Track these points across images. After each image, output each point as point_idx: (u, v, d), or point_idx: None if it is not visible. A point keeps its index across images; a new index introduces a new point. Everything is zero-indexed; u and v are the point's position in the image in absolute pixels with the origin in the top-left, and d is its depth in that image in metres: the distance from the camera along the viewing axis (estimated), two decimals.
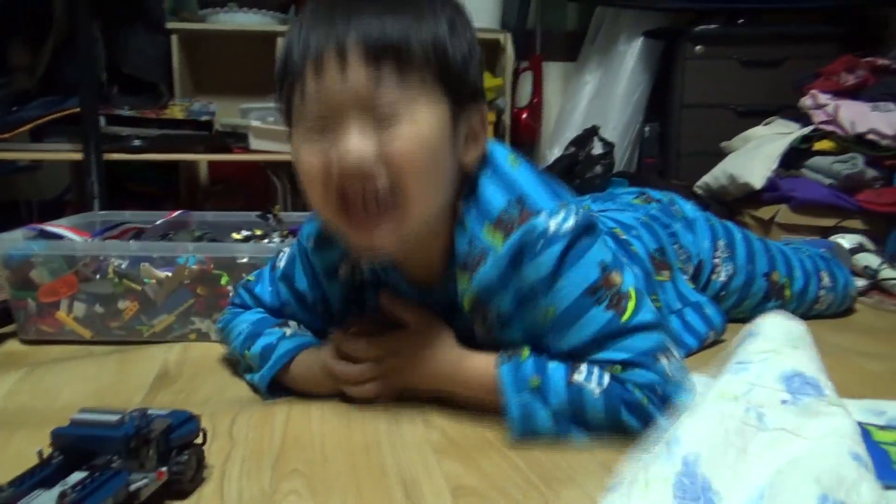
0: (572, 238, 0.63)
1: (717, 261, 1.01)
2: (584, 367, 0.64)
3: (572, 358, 0.65)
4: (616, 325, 0.64)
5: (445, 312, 0.72)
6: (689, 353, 0.89)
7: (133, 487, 0.49)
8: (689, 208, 1.04)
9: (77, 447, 0.50)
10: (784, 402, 0.53)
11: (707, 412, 0.55)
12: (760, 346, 0.59)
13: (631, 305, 0.64)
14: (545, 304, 0.64)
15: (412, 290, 0.73)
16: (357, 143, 0.59)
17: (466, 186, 0.67)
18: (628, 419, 0.63)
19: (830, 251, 1.24)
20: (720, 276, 1.01)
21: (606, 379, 0.63)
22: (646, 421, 0.62)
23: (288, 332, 0.78)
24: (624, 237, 0.89)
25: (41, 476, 0.48)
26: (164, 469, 0.52)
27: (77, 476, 0.49)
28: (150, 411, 0.54)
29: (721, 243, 1.02)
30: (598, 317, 0.63)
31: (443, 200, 0.65)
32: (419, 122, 0.60)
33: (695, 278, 0.99)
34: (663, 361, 0.64)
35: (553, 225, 0.63)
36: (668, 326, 0.71)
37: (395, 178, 0.60)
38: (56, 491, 0.46)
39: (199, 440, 0.56)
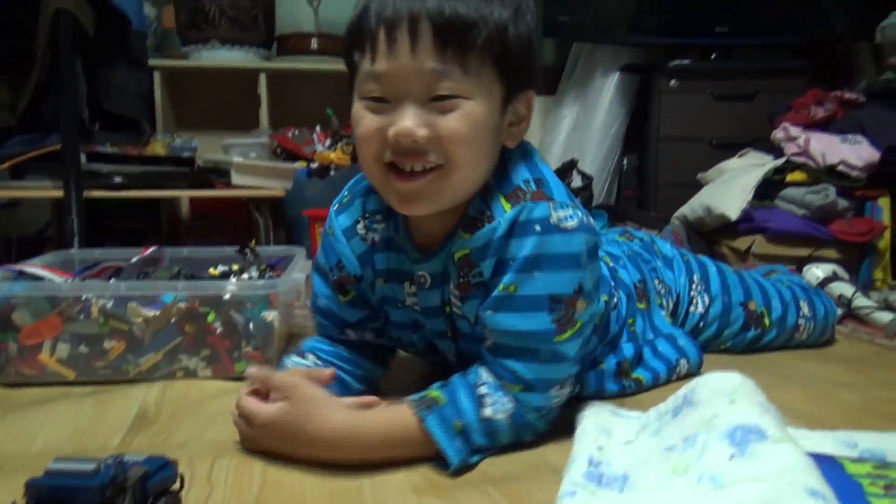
0: (571, 243, 0.67)
1: (693, 293, 1.04)
2: (489, 398, 0.68)
3: (492, 351, 0.70)
4: (547, 339, 0.68)
5: (434, 278, 0.75)
6: (657, 380, 0.91)
7: None
8: (667, 248, 1.09)
9: (51, 498, 0.49)
10: (732, 456, 0.55)
11: (662, 488, 0.57)
12: (701, 416, 0.63)
13: (569, 332, 0.69)
14: (510, 280, 0.68)
15: (414, 253, 0.76)
16: (414, 124, 0.63)
17: (500, 164, 0.71)
18: (524, 436, 0.71)
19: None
20: (697, 308, 1.05)
21: (509, 405, 0.68)
22: (536, 436, 0.72)
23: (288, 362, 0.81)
24: (611, 265, 0.93)
25: None
26: None
27: None
28: (125, 458, 0.53)
29: (696, 277, 1.06)
30: (541, 321, 0.68)
31: (483, 176, 0.70)
32: (474, 107, 0.64)
33: (674, 312, 1.03)
34: (555, 391, 0.71)
35: (555, 216, 0.67)
36: (576, 366, 0.74)
37: (445, 155, 0.65)
38: None
39: (176, 486, 0.56)
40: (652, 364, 0.92)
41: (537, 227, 0.67)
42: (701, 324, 1.05)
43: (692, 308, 1.04)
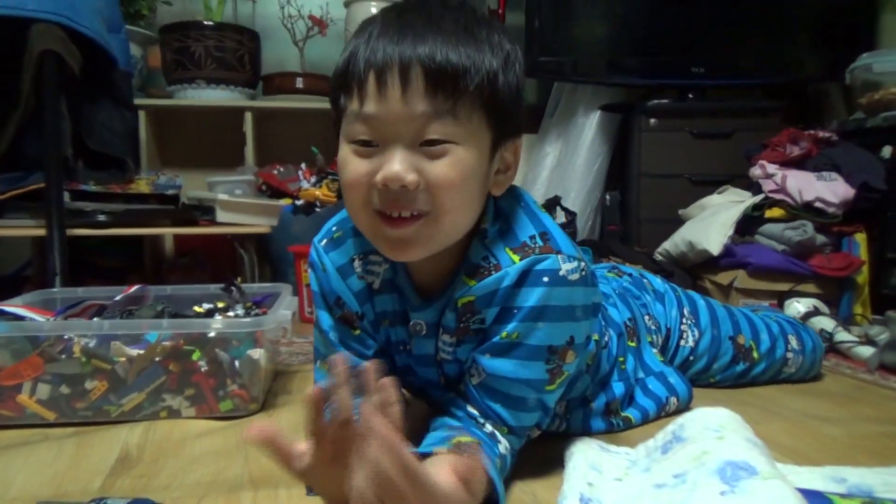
0: (573, 296, 0.68)
1: (683, 327, 1.05)
2: (499, 437, 0.69)
3: (479, 390, 0.70)
4: (539, 387, 0.70)
5: (430, 327, 0.75)
6: (646, 418, 0.91)
7: None
8: (658, 283, 1.10)
9: None
10: (723, 493, 0.55)
11: None
12: (690, 452, 0.64)
13: (557, 382, 0.71)
14: (514, 329, 0.68)
15: (415, 298, 0.75)
16: (403, 169, 0.62)
17: (493, 211, 0.72)
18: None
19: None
20: (688, 342, 1.06)
21: (508, 445, 0.70)
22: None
23: None
24: (601, 303, 0.93)
25: None
26: None
27: None
28: (108, 501, 0.52)
29: (686, 310, 1.07)
30: (538, 370, 0.69)
31: (470, 220, 0.69)
32: (463, 153, 0.64)
33: (664, 346, 1.03)
34: (528, 434, 0.74)
35: (564, 269, 0.67)
36: (550, 410, 0.74)
37: (433, 202, 0.64)
38: None
39: None
40: (642, 403, 0.92)
41: (545, 279, 0.67)
42: (691, 357, 1.06)
43: (682, 342, 1.05)
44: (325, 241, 0.79)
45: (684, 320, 1.06)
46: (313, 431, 0.57)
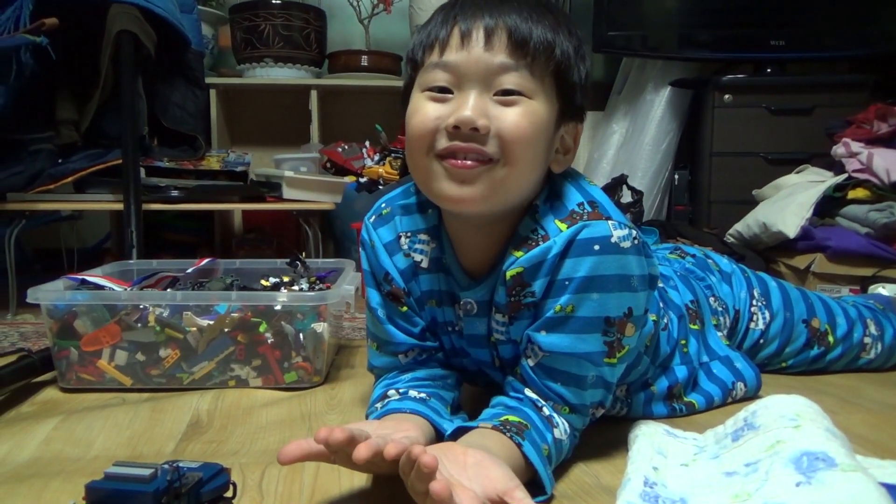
0: (627, 265, 0.66)
1: (753, 309, 1.01)
2: (554, 419, 0.68)
3: (536, 371, 0.68)
4: (598, 361, 0.68)
5: (481, 305, 0.74)
6: (710, 404, 0.88)
7: None
8: (724, 263, 1.05)
9: (109, 501, 0.51)
10: (798, 484, 0.53)
11: None
12: (764, 442, 0.62)
13: (617, 356, 0.69)
14: (567, 301, 0.66)
15: (462, 277, 0.75)
16: (476, 113, 0.64)
17: (547, 189, 0.72)
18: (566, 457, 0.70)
19: (881, 303, 1.20)
20: (758, 325, 1.01)
21: (568, 427, 0.68)
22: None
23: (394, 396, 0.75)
24: (661, 285, 0.90)
25: None
26: None
27: None
28: (181, 464, 0.54)
29: (756, 292, 1.02)
30: (595, 343, 0.67)
31: (532, 185, 0.69)
32: (536, 106, 0.66)
33: (733, 329, 0.99)
34: (593, 412, 0.72)
35: (616, 235, 0.66)
36: (612, 389, 0.72)
37: (503, 147, 0.65)
38: None
39: (228, 494, 0.56)
40: (706, 388, 0.89)
41: (596, 247, 0.65)
42: (761, 340, 1.01)
43: (752, 324, 1.00)
44: (374, 217, 0.80)
45: (754, 302, 1.01)
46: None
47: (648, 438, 0.72)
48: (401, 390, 0.75)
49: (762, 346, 1.02)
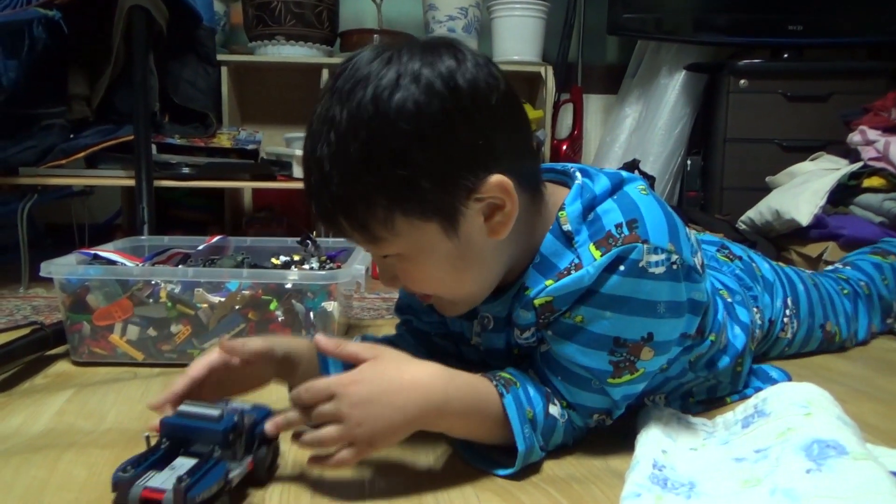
0: (654, 290, 0.63)
1: (786, 319, 1.00)
2: (556, 401, 0.67)
3: (545, 361, 0.68)
4: (601, 378, 0.65)
5: (498, 321, 0.72)
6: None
7: (230, 476, 0.55)
8: (766, 269, 1.01)
9: (181, 436, 0.57)
10: (809, 471, 0.53)
11: (733, 499, 0.56)
12: (774, 429, 0.62)
13: (626, 378, 0.66)
14: (581, 312, 0.64)
15: None
16: (384, 280, 0.67)
17: (579, 202, 0.65)
18: (567, 443, 0.69)
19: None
20: (787, 334, 1.01)
21: (565, 413, 0.67)
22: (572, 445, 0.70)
23: None
24: (730, 300, 0.87)
25: (153, 459, 0.55)
26: (251, 459, 0.58)
27: (181, 461, 0.55)
28: (232, 404, 0.59)
29: (789, 300, 1.00)
30: (599, 360, 0.65)
31: (491, 273, 0.66)
32: (414, 258, 0.62)
33: (763, 338, 0.98)
34: (596, 417, 0.69)
35: (645, 260, 0.62)
36: (622, 408, 0.69)
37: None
38: (169, 475, 0.53)
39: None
40: (746, 392, 0.86)
41: (621, 268, 0.62)
42: (786, 348, 1.02)
43: (783, 334, 1.00)
44: None
45: (787, 311, 0.99)
46: None
47: (657, 423, 0.72)
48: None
49: (784, 353, 1.03)
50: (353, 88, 0.57)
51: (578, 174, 0.69)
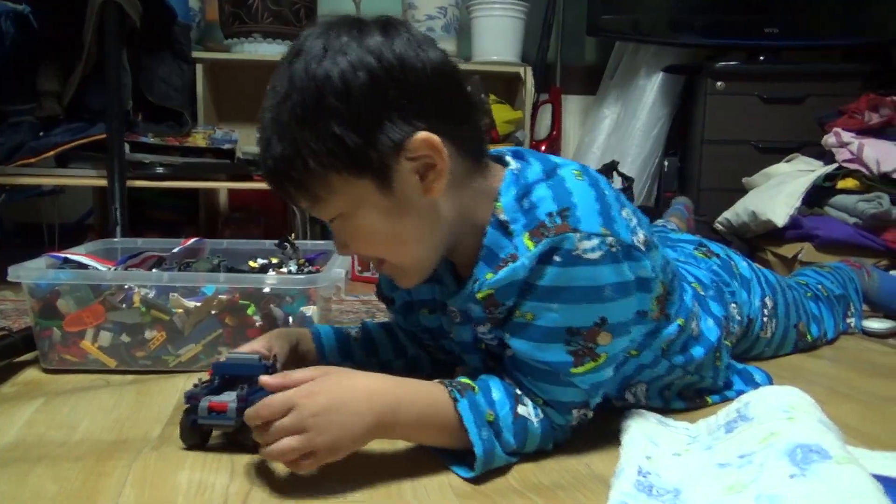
0: (594, 275, 0.63)
1: (765, 319, 1.00)
2: (523, 398, 0.67)
3: (511, 363, 0.68)
4: (564, 370, 0.65)
5: (462, 314, 0.73)
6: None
7: None
8: (744, 267, 1.02)
9: (230, 375, 0.70)
10: (793, 476, 0.53)
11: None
12: (757, 433, 0.62)
13: (589, 365, 0.66)
14: (528, 308, 0.65)
15: (452, 284, 0.75)
16: (337, 247, 0.71)
17: (514, 189, 0.67)
18: (547, 445, 0.69)
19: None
20: (766, 334, 1.02)
21: (540, 412, 0.67)
22: (555, 446, 0.70)
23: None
24: (703, 293, 0.87)
25: (209, 389, 0.69)
26: None
27: (230, 394, 0.67)
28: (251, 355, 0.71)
29: (768, 300, 1.01)
30: (557, 353, 0.65)
31: (435, 236, 0.68)
32: (356, 216, 0.65)
33: (742, 336, 0.98)
34: (576, 412, 0.69)
35: (579, 248, 0.62)
36: (598, 396, 0.70)
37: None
38: (227, 396, 0.67)
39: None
40: (728, 394, 0.86)
41: (557, 258, 0.62)
42: (765, 349, 1.03)
43: (763, 334, 1.01)
44: None
45: (765, 311, 1.00)
46: None
47: (640, 427, 0.72)
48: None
49: (763, 354, 1.04)
50: (291, 61, 0.63)
51: (511, 159, 0.70)
